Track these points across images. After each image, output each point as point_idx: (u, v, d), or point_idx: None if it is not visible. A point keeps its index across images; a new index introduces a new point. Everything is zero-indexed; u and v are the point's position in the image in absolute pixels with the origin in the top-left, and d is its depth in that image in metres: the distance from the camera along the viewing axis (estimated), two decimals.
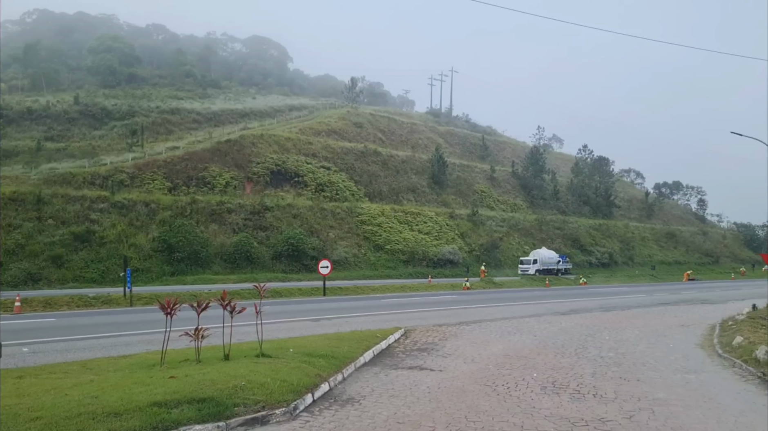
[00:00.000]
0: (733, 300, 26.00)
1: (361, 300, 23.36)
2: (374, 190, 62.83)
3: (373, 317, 17.08)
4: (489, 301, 23.12)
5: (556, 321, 16.56)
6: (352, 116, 78.27)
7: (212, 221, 45.98)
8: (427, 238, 56.58)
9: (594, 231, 74.82)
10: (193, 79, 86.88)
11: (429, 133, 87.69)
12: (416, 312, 18.85)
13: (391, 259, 51.93)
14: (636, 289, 33.76)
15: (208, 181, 51.48)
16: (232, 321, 8.52)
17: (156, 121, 67.38)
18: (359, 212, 55.41)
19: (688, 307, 21.98)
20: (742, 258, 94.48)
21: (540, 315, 18.14)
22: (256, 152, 57.19)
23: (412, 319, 16.67)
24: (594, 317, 17.91)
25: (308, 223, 50.51)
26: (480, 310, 19.40)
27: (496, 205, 73.87)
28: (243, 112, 75.36)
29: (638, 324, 16.41)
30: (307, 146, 62.47)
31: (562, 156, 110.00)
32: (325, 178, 59.23)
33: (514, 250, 61.90)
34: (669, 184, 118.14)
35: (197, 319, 8.56)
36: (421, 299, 24.27)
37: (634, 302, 23.69)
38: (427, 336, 13.09)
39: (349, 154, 65.65)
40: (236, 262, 43.17)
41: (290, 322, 15.79)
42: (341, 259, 48.70)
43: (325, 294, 26.61)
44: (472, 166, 79.96)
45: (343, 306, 20.72)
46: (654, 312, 19.70)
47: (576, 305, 21.78)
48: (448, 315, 17.86)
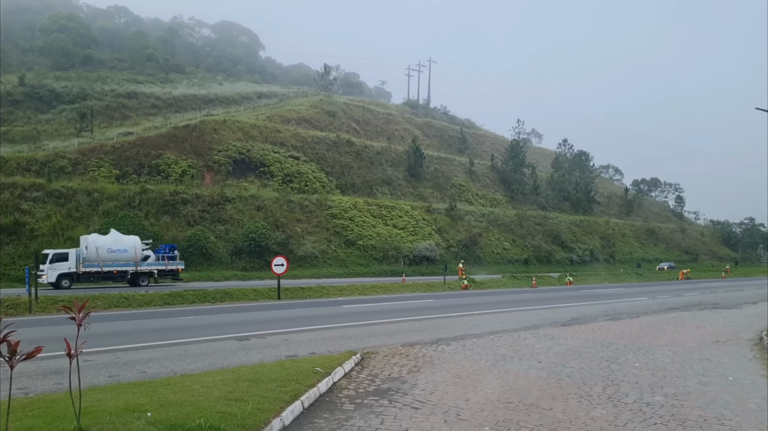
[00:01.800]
0: (744, 304, 23.00)
1: (320, 306, 19.47)
2: (347, 181, 58.89)
3: (326, 332, 13.22)
4: (471, 307, 19.48)
5: (560, 336, 12.97)
6: (324, 104, 74.04)
7: (164, 213, 41.52)
8: (402, 233, 52.93)
9: (575, 227, 72.25)
10: (155, 63, 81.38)
11: (406, 124, 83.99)
12: (383, 323, 14.97)
13: (363, 256, 48.13)
14: (630, 290, 30.56)
15: (162, 169, 46.85)
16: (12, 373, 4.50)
17: (110, 106, 62.16)
18: (330, 205, 51.44)
19: (702, 314, 18.73)
20: (720, 256, 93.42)
21: (537, 326, 14.57)
22: (217, 139, 52.67)
23: (375, 335, 12.92)
24: (603, 329, 14.41)
25: (273, 216, 46.37)
26: (462, 320, 15.72)
27: (475, 199, 70.64)
28: (207, 98, 70.48)
29: (662, 339, 12.94)
30: (274, 134, 58.14)
31: (542, 151, 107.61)
32: (294, 168, 55.05)
33: (493, 246, 58.72)
34: (647, 181, 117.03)
35: None
36: (391, 305, 20.42)
37: (639, 307, 20.36)
38: (393, 366, 9.31)
39: (321, 143, 61.55)
40: (190, 258, 38.78)
41: (206, 342, 11.67)
42: (308, 255, 44.77)
43: (280, 297, 22.68)
44: (450, 158, 76.56)
45: (292, 316, 16.79)
46: (670, 321, 16.34)
47: (575, 312, 18.33)
48: (422, 328, 14.13)
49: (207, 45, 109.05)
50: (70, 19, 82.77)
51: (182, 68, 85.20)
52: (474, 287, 31.85)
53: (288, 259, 23.89)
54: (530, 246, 61.92)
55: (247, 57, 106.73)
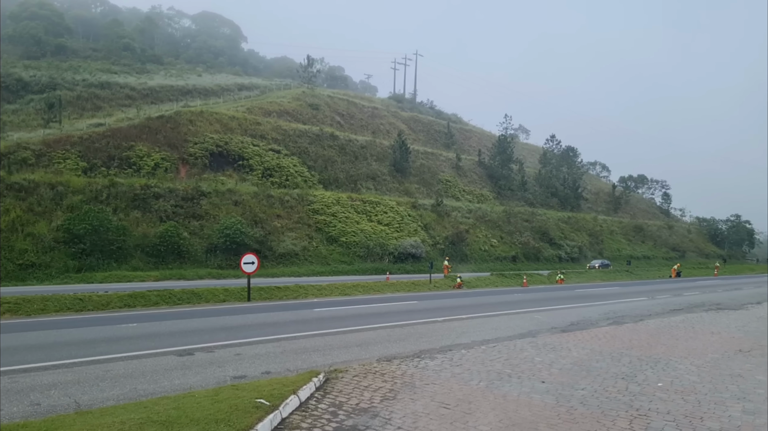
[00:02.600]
0: (748, 304, 21.55)
1: (292, 310, 17.48)
2: (330, 176, 56.85)
3: (290, 343, 11.30)
4: (459, 309, 17.67)
5: (562, 345, 11.21)
6: (307, 97, 71.83)
7: (134, 208, 39.13)
8: (387, 230, 51.04)
9: (563, 224, 70.95)
10: (131, 53, 78.40)
11: (391, 118, 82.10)
12: (359, 331, 13.03)
13: (346, 253, 46.17)
14: (626, 289, 28.98)
15: (134, 161, 44.41)
16: None
17: (81, 96, 59.32)
18: (311, 200, 49.35)
19: (710, 316, 17.16)
20: (707, 253, 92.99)
21: (534, 333, 12.82)
22: (193, 131, 50.29)
23: (348, 346, 11.06)
24: (608, 336, 12.69)
25: (251, 212, 44.19)
26: (449, 326, 13.89)
27: (462, 195, 69.01)
28: (185, 90, 67.86)
29: (678, 349, 11.26)
30: (254, 126, 55.86)
31: (529, 147, 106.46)
32: (274, 161, 52.87)
33: (480, 243, 57.10)
34: (634, 178, 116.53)
35: None
36: (370, 308, 18.50)
37: (641, 309, 18.74)
38: (363, 390, 7.47)
39: (303, 136, 59.40)
40: (161, 256, 36.61)
41: (137, 359, 9.47)
42: (288, 252, 42.71)
43: (250, 299, 20.69)
44: (436, 153, 74.84)
45: (257, 321, 14.78)
46: (679, 326, 14.70)
47: (573, 314, 16.63)
48: (403, 336, 12.29)
49: (187, 36, 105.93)
50: (42, 6, 79.37)
51: (160, 59, 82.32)
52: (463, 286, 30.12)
53: (259, 257, 21.88)
54: (518, 243, 60.46)
55: (229, 49, 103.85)
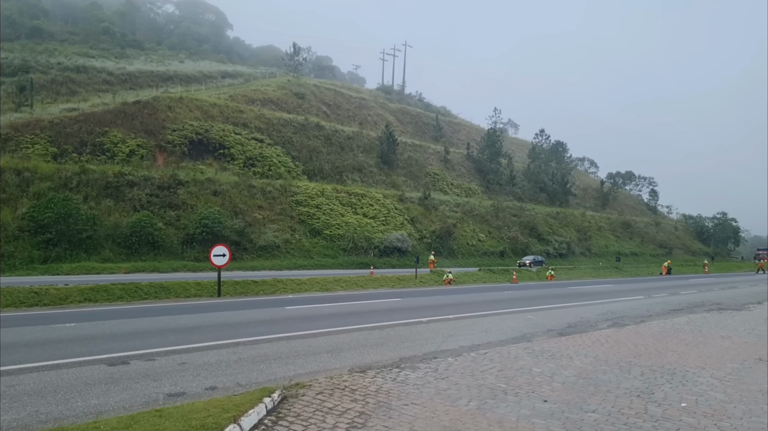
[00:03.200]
0: (749, 304, 20.49)
1: (263, 308, 15.85)
2: (314, 167, 55.20)
3: (249, 349, 9.72)
4: (446, 308, 16.25)
5: (562, 352, 9.85)
6: (293, 86, 69.90)
7: (107, 196, 37.24)
8: (372, 223, 49.60)
9: (551, 219, 70.02)
10: (111, 37, 75.75)
11: (379, 109, 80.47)
12: (332, 333, 11.48)
13: (330, 246, 44.65)
14: (620, 287, 27.78)
15: (107, 147, 42.40)
16: None
17: (56, 80, 56.89)
18: (295, 191, 47.72)
19: (714, 317, 15.98)
20: (693, 250, 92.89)
21: (529, 337, 11.47)
22: (172, 117, 48.30)
23: (316, 352, 9.56)
24: (611, 341, 11.38)
25: (232, 202, 42.48)
26: (434, 328, 12.45)
27: (450, 188, 67.74)
28: (165, 76, 65.57)
29: (691, 356, 9.97)
30: (236, 114, 53.94)
31: (518, 141, 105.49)
32: (257, 151, 51.08)
33: (468, 238, 55.89)
34: (622, 174, 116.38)
35: None
36: (348, 305, 16.95)
37: (639, 308, 17.50)
38: (326, 414, 6.04)
39: (287, 126, 57.61)
40: (134, 247, 34.81)
41: (57, 369, 7.54)
42: (269, 245, 41.10)
43: (221, 294, 19.12)
44: (424, 146, 73.43)
45: (218, 321, 13.10)
46: (684, 329, 13.46)
47: (569, 315, 15.32)
48: (382, 340, 10.84)
49: (170, 22, 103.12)
50: None
51: (141, 44, 79.72)
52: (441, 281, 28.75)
53: (231, 249, 20.29)
54: (506, 238, 59.37)
55: (213, 36, 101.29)
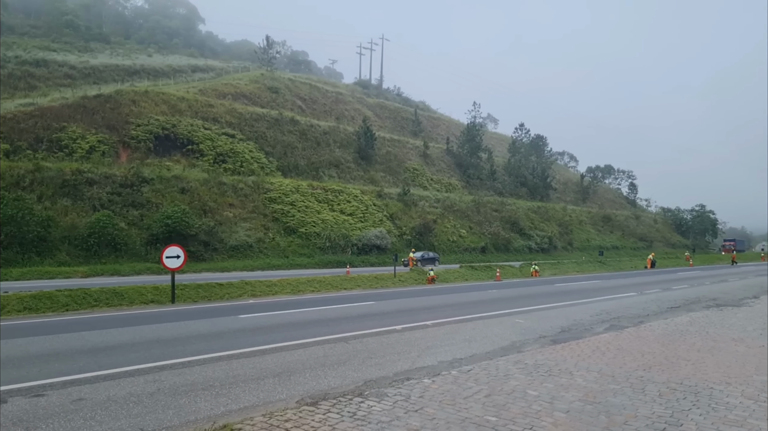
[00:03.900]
0: (746, 299, 19.30)
1: (217, 316, 13.74)
2: (289, 163, 53.19)
3: (174, 375, 7.62)
4: (424, 312, 14.50)
5: (559, 367, 8.22)
6: (266, 80, 67.61)
7: (63, 195, 34.81)
8: (350, 220, 47.84)
9: (532, 214, 69.07)
10: (75, 31, 72.48)
11: (356, 104, 78.59)
12: (286, 349, 9.40)
13: (306, 245, 42.75)
14: (608, 283, 26.40)
15: (66, 144, 39.84)
16: None
17: (14, 74, 53.78)
18: (268, 188, 45.68)
19: (716, 316, 14.64)
20: (673, 243, 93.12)
21: (519, 346, 9.85)
22: (137, 112, 45.83)
23: (261, 377, 7.64)
24: (613, 348, 9.82)
25: (200, 200, 40.32)
26: (410, 338, 10.62)
27: (430, 184, 66.29)
28: (132, 70, 62.77)
29: (709, 367, 8.46)
30: (206, 109, 51.62)
31: (498, 136, 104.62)
32: (228, 146, 48.86)
33: (449, 234, 54.46)
34: (601, 168, 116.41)
35: None
36: (316, 311, 14.88)
37: (634, 307, 16.04)
38: None
39: (260, 120, 55.45)
40: (93, 249, 32.48)
41: None
42: (241, 245, 39.07)
43: (175, 301, 17.18)
44: (403, 141, 71.82)
45: (153, 337, 10.74)
46: (688, 330, 12.01)
47: (560, 317, 13.75)
48: (346, 357, 8.97)
49: (139, 16, 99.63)
50: None
51: (107, 38, 76.54)
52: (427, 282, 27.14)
53: (185, 250, 18.31)
54: (488, 234, 58.11)
55: (185, 31, 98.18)
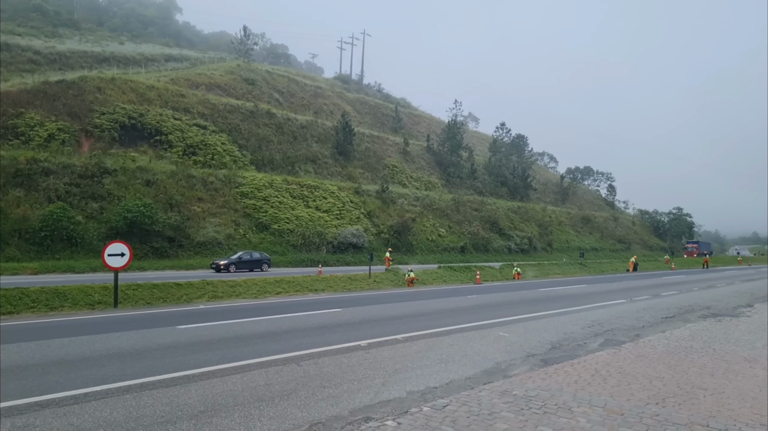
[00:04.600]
0: (741, 307, 18.20)
1: (150, 329, 11.74)
2: (263, 156, 51.23)
3: (52, 419, 6.13)
4: (396, 322, 12.82)
5: (555, 398, 6.69)
6: (243, 71, 65.43)
7: (16, 185, 32.49)
8: (326, 217, 46.15)
9: (512, 214, 68.18)
10: (43, 15, 69.31)
11: (336, 98, 76.80)
12: (219, 374, 7.57)
13: (278, 242, 40.95)
14: (594, 288, 24.98)
15: (22, 131, 37.41)
16: None
17: None
18: (240, 182, 43.75)
19: (714, 327, 13.41)
20: (651, 245, 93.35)
21: (505, 368, 8.34)
22: (101, 99, 43.47)
23: (171, 420, 5.76)
24: (614, 371, 8.36)
25: (167, 194, 38.23)
26: (375, 357, 8.96)
27: (409, 181, 64.89)
28: (101, 57, 60.06)
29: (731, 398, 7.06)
30: (177, 98, 49.38)
31: (479, 135, 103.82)
32: (198, 138, 46.74)
33: (428, 233, 53.12)
34: (581, 169, 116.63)
35: None
36: (271, 321, 12.84)
37: (628, 317, 14.66)
38: None
39: (235, 112, 53.36)
40: (46, 244, 30.29)
41: None
42: (209, 241, 37.13)
43: (118, 305, 15.30)
44: (383, 137, 70.28)
45: (60, 356, 8.97)
46: (692, 347, 10.69)
47: (550, 329, 12.21)
48: (291, 387, 7.20)
49: (113, 4, 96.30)
50: None
51: (77, 24, 73.44)
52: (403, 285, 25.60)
53: (131, 247, 16.46)
54: (467, 234, 56.94)
55: (161, 20, 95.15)
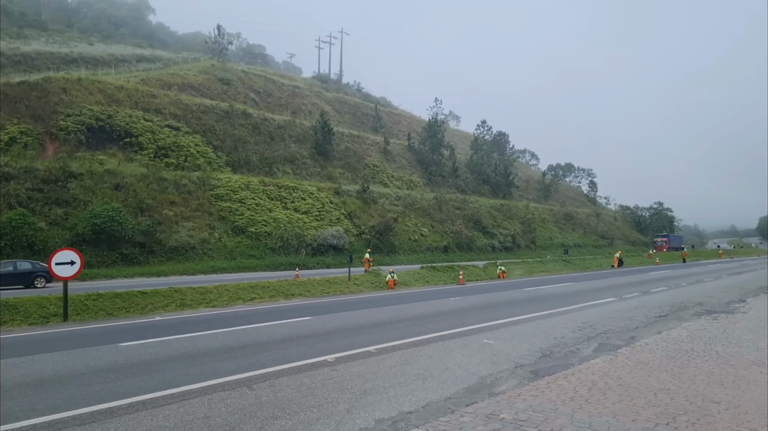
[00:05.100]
0: (733, 303, 17.49)
1: (91, 347, 10.25)
2: (240, 158, 49.79)
3: None
4: (370, 330, 11.67)
5: (551, 426, 5.60)
6: (217, 71, 63.81)
7: None
8: (305, 218, 44.90)
9: (495, 211, 67.59)
10: (8, 16, 66.85)
11: (314, 98, 75.50)
12: (156, 403, 6.26)
13: (255, 245, 39.62)
14: (582, 285, 23.97)
15: None
16: None
17: None
18: (215, 184, 42.30)
19: (711, 325, 12.63)
20: (633, 240, 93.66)
21: (490, 384, 7.29)
22: (67, 101, 41.69)
23: None
24: (614, 383, 7.36)
25: (137, 197, 36.67)
26: (342, 375, 7.76)
27: (391, 181, 63.88)
28: (69, 58, 58.01)
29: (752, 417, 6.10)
30: (148, 99, 47.69)
31: (460, 133, 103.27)
32: (170, 139, 45.15)
33: (410, 233, 52.15)
34: (562, 166, 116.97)
35: None
36: (232, 333, 11.60)
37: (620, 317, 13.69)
38: None
39: (209, 113, 51.81)
40: (5, 252, 28.59)
41: None
42: (182, 246, 35.66)
43: (67, 318, 13.95)
44: (363, 137, 69.18)
45: None
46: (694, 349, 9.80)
47: (539, 334, 11.21)
48: (238, 417, 5.79)
49: (83, 5, 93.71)
50: None
51: (45, 25, 71.07)
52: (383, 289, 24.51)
53: (82, 255, 15.11)
54: (450, 233, 56.12)
55: (133, 20, 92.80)
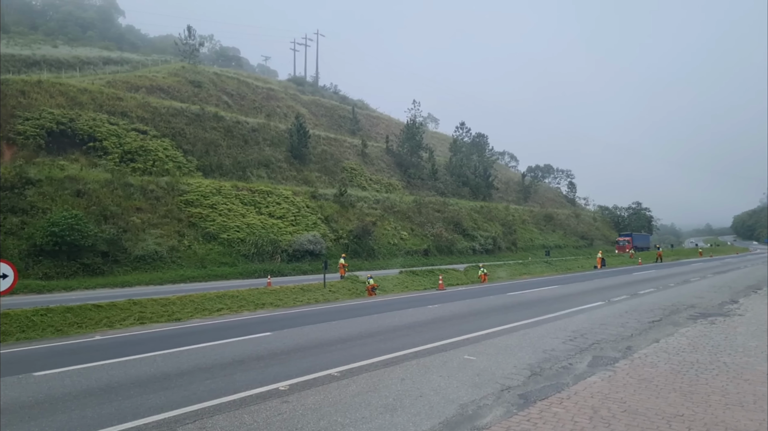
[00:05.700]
0: (726, 304, 16.67)
1: (6, 376, 9.13)
2: (211, 162, 48.06)
3: None
4: (336, 347, 10.32)
5: None
6: (188, 73, 61.91)
7: None
8: (280, 224, 43.35)
9: (475, 213, 66.80)
10: None
11: (290, 101, 73.98)
12: None
13: (228, 252, 37.94)
14: (568, 289, 22.87)
15: None
16: None
17: None
18: (184, 190, 40.52)
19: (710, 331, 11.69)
20: (612, 240, 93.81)
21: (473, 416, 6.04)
22: (26, 104, 39.58)
23: None
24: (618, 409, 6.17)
25: (101, 204, 34.76)
26: (295, 407, 6.39)
27: (369, 184, 62.65)
28: (31, 61, 55.58)
29: None
30: (113, 102, 45.70)
31: (439, 135, 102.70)
32: (137, 143, 43.24)
33: (389, 237, 50.94)
34: (541, 167, 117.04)
35: None
36: (177, 355, 9.97)
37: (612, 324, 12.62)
38: None
39: (179, 116, 49.96)
40: None
41: None
42: (149, 254, 33.86)
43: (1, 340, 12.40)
44: (340, 139, 67.87)
45: None
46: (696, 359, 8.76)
47: (527, 347, 10.03)
48: None
49: (48, 7, 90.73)
50: None
51: (6, 28, 68.31)
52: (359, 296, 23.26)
53: (15, 267, 13.58)
54: (430, 236, 55.06)
55: (101, 23, 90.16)
